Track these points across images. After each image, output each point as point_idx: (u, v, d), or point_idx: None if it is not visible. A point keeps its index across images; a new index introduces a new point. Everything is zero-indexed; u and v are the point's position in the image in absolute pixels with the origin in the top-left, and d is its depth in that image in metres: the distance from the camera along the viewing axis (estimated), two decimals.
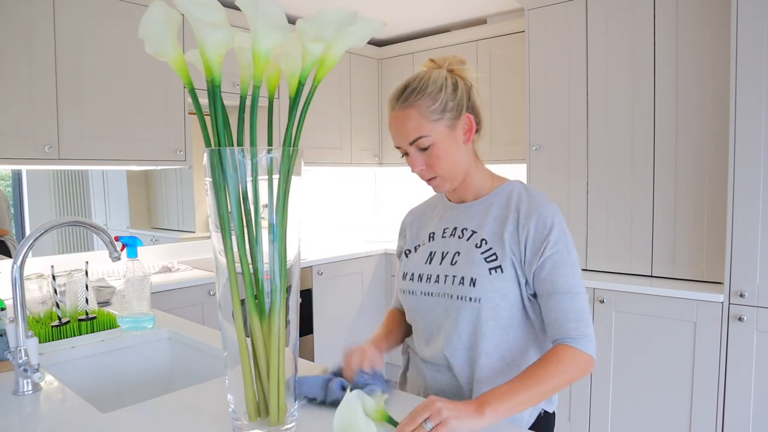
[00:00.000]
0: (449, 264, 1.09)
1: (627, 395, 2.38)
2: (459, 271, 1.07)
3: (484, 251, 1.06)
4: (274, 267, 0.80)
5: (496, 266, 1.04)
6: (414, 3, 3.12)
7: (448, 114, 1.05)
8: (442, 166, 1.06)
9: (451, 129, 1.06)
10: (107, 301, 1.98)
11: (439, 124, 1.04)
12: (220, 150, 0.77)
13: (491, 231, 1.08)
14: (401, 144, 1.07)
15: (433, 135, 1.04)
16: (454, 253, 1.09)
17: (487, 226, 1.08)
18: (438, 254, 1.12)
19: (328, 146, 3.50)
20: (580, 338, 0.99)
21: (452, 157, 1.06)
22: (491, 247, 1.06)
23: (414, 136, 1.04)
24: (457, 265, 1.08)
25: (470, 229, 1.11)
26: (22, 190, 2.63)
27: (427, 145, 1.04)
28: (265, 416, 0.84)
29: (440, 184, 1.09)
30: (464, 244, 1.09)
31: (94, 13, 2.36)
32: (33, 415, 1.04)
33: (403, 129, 1.05)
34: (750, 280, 2.07)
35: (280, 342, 0.82)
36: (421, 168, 1.07)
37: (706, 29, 2.24)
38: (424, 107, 1.03)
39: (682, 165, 2.34)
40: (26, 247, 1.13)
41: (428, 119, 1.03)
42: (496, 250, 1.05)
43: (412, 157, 1.07)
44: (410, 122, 1.04)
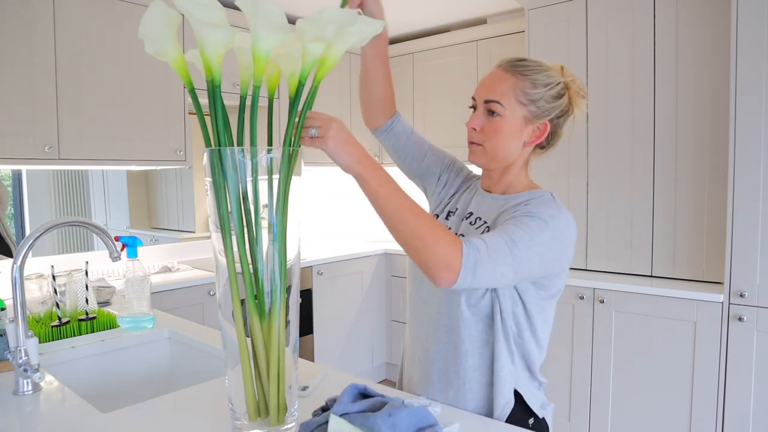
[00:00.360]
0: None
1: (627, 395, 2.38)
2: None
3: None
4: (274, 267, 0.81)
5: None
6: (414, 3, 3.12)
7: (534, 108, 1.02)
8: (492, 141, 1.04)
9: (525, 122, 1.03)
10: (107, 301, 1.98)
11: (520, 109, 1.02)
12: (220, 150, 0.77)
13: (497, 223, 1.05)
14: (479, 96, 1.05)
15: (508, 111, 1.02)
16: (459, 236, 1.08)
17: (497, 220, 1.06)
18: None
19: None
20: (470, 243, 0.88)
21: (506, 141, 1.04)
22: None
23: (495, 96, 1.02)
24: None
25: (483, 219, 1.09)
26: (22, 190, 2.63)
27: (496, 114, 1.02)
28: (265, 416, 0.84)
29: (478, 153, 1.07)
30: (471, 229, 1.09)
31: (94, 13, 2.36)
32: (33, 415, 1.04)
33: (493, 85, 1.03)
34: (750, 280, 2.07)
35: (280, 342, 0.82)
36: (475, 126, 1.05)
37: (706, 29, 2.25)
38: (522, 83, 1.02)
39: (682, 165, 2.34)
40: (26, 247, 1.13)
41: (516, 96, 1.02)
42: None
43: (477, 113, 1.05)
44: (502, 84, 1.02)
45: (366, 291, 3.48)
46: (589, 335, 2.47)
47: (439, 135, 3.55)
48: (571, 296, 2.49)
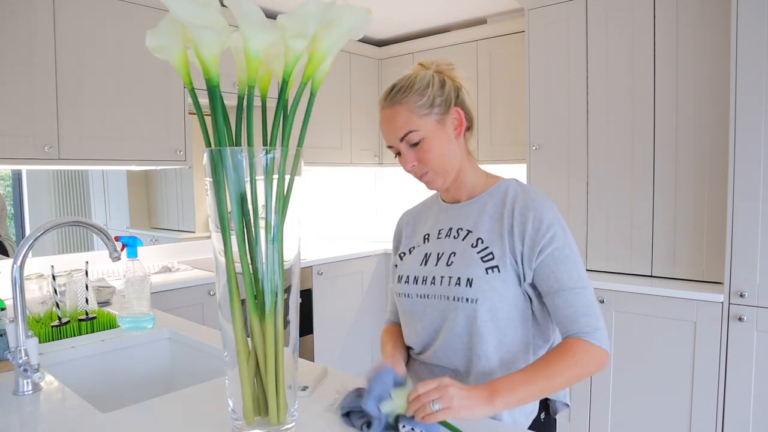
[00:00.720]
0: (445, 265, 1.07)
1: (627, 395, 2.38)
2: (455, 271, 1.05)
3: (480, 251, 1.05)
4: (274, 267, 0.80)
5: (492, 266, 1.02)
6: (414, 3, 3.12)
7: (437, 109, 1.05)
8: (433, 160, 1.06)
9: (441, 123, 1.06)
10: (107, 301, 1.98)
11: (428, 119, 1.05)
12: (220, 150, 0.77)
13: (487, 230, 1.06)
14: (392, 142, 1.07)
15: (422, 129, 1.04)
16: (450, 254, 1.08)
17: (482, 226, 1.07)
18: (433, 255, 1.11)
19: (328, 146, 3.51)
20: (593, 332, 0.98)
21: (443, 150, 1.06)
22: (487, 246, 1.05)
23: (403, 131, 1.05)
24: (452, 266, 1.06)
25: (465, 228, 1.09)
26: (22, 190, 2.63)
27: (417, 140, 1.05)
28: (264, 416, 0.84)
29: (433, 179, 1.09)
30: (460, 244, 1.08)
31: (94, 13, 2.36)
32: (33, 415, 1.04)
33: (393, 126, 1.06)
34: (750, 280, 2.07)
35: (279, 342, 0.82)
36: (412, 164, 1.07)
37: (706, 29, 2.25)
38: (411, 103, 1.04)
39: (682, 165, 2.34)
40: (26, 247, 1.13)
41: (417, 114, 1.04)
42: (493, 249, 1.04)
43: (404, 154, 1.07)
44: (399, 118, 1.05)
45: (366, 291, 3.48)
46: None
47: None
48: None
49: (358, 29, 0.79)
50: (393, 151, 1.10)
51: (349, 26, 0.77)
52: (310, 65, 0.79)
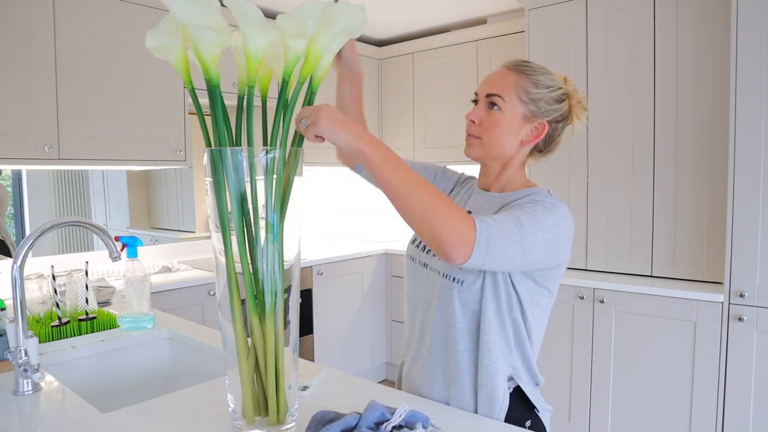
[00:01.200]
0: None
1: (627, 395, 2.38)
2: None
3: None
4: (274, 267, 0.81)
5: None
6: (414, 3, 3.12)
7: (534, 108, 1.05)
8: (490, 134, 1.06)
9: (525, 119, 1.05)
10: (107, 301, 1.98)
11: (520, 106, 1.04)
12: (221, 150, 0.77)
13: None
14: (482, 91, 1.07)
15: (508, 105, 1.04)
16: None
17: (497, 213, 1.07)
18: None
19: (328, 146, 3.50)
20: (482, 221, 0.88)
21: (504, 134, 1.06)
22: None
23: (497, 90, 1.05)
24: None
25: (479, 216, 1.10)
26: (22, 190, 2.63)
27: (496, 106, 1.05)
28: (265, 416, 0.84)
29: (474, 145, 1.09)
30: None
31: (94, 13, 2.36)
32: (33, 415, 1.04)
33: (495, 81, 1.06)
34: (750, 280, 2.07)
35: (279, 342, 0.82)
36: (474, 118, 1.07)
37: (706, 29, 2.25)
38: (524, 82, 1.04)
39: (682, 165, 2.34)
40: (26, 247, 1.13)
41: (518, 93, 1.04)
42: None
43: (477, 107, 1.08)
44: (506, 80, 1.05)
45: (366, 291, 3.48)
46: (589, 335, 2.47)
47: (439, 135, 3.55)
48: (571, 296, 2.49)
49: (355, 27, 0.79)
50: (473, 100, 1.10)
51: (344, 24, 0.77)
52: (307, 64, 0.79)
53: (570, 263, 2.65)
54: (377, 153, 0.86)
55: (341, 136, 0.84)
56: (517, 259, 0.92)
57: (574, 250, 2.64)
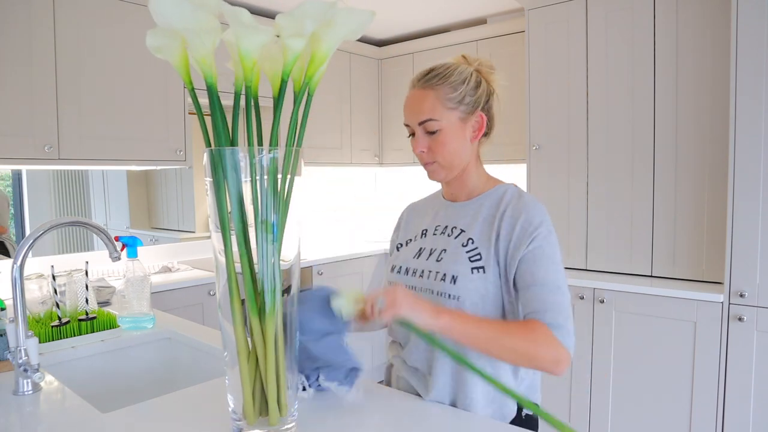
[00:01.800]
0: (435, 260, 1.10)
1: (627, 395, 2.38)
2: (442, 267, 1.07)
3: (469, 250, 1.07)
4: (273, 267, 0.80)
5: (479, 266, 1.04)
6: (414, 3, 3.12)
7: (464, 107, 1.07)
8: (443, 154, 1.08)
9: (462, 122, 1.07)
10: (107, 301, 1.98)
11: (452, 114, 1.06)
12: (221, 150, 0.77)
13: (479, 231, 1.08)
14: (411, 122, 1.09)
15: (443, 121, 1.06)
16: (441, 250, 1.10)
17: (475, 227, 1.09)
18: (426, 250, 1.14)
19: (328, 146, 3.50)
20: (559, 328, 0.95)
21: (455, 147, 1.08)
22: (477, 247, 1.06)
23: (426, 116, 1.06)
24: (441, 261, 1.09)
25: (459, 227, 1.11)
26: (22, 190, 2.63)
27: (435, 129, 1.06)
28: (265, 416, 0.84)
29: (436, 170, 1.11)
30: (452, 242, 1.10)
31: (94, 13, 2.36)
32: (33, 415, 1.04)
33: (418, 107, 1.07)
34: (750, 280, 2.07)
35: (279, 342, 0.82)
36: (422, 150, 1.08)
37: (706, 29, 2.25)
38: (442, 92, 1.06)
39: (682, 165, 2.34)
40: (26, 247, 1.13)
41: (444, 105, 1.06)
42: (482, 250, 1.06)
43: (417, 137, 1.09)
44: (426, 102, 1.06)
45: (366, 291, 3.47)
46: (589, 335, 2.47)
47: None
48: (571, 296, 2.49)
49: (359, 29, 0.79)
50: (408, 131, 1.11)
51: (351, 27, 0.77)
52: (312, 65, 0.79)
53: (570, 263, 2.65)
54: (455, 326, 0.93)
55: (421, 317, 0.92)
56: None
57: (575, 250, 2.64)
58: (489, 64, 1.13)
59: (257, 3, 3.04)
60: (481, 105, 1.09)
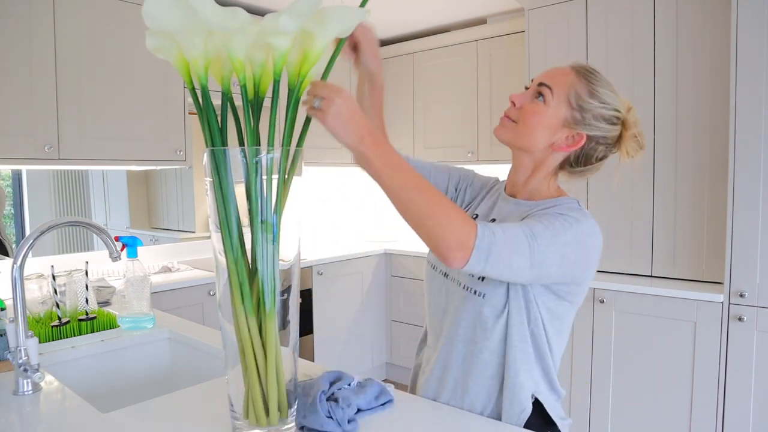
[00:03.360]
0: None
1: (627, 395, 2.38)
2: None
3: None
4: (273, 267, 0.81)
5: None
6: (414, 3, 3.12)
7: (579, 116, 0.99)
8: (526, 121, 1.01)
9: (565, 123, 1.00)
10: (107, 301, 1.98)
11: (566, 108, 0.99)
12: (221, 150, 0.77)
13: None
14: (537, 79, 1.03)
15: (554, 102, 0.99)
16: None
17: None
18: None
19: (328, 146, 3.51)
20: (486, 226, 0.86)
21: (538, 127, 1.00)
22: None
23: (550, 82, 1.00)
24: None
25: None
26: (22, 190, 2.63)
27: (540, 96, 1.00)
28: (265, 416, 0.84)
29: (506, 127, 1.04)
30: None
31: (94, 13, 2.36)
32: (33, 415, 1.04)
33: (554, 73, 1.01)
34: (750, 280, 2.07)
35: (279, 342, 0.82)
36: (516, 101, 1.03)
37: (706, 29, 2.25)
38: (580, 86, 0.99)
39: (682, 165, 2.34)
40: (26, 247, 1.13)
41: (569, 94, 0.99)
42: None
43: (524, 93, 1.04)
44: (563, 77, 1.00)
45: (366, 291, 3.48)
46: (589, 335, 2.47)
47: (439, 135, 3.55)
48: None
49: (352, 26, 0.78)
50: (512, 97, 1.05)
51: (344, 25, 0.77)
52: (305, 64, 0.79)
53: None
54: (377, 157, 0.85)
55: (342, 137, 0.83)
56: (525, 271, 0.89)
57: None
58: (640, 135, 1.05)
59: (257, 2, 3.04)
60: (593, 134, 1.00)
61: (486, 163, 3.30)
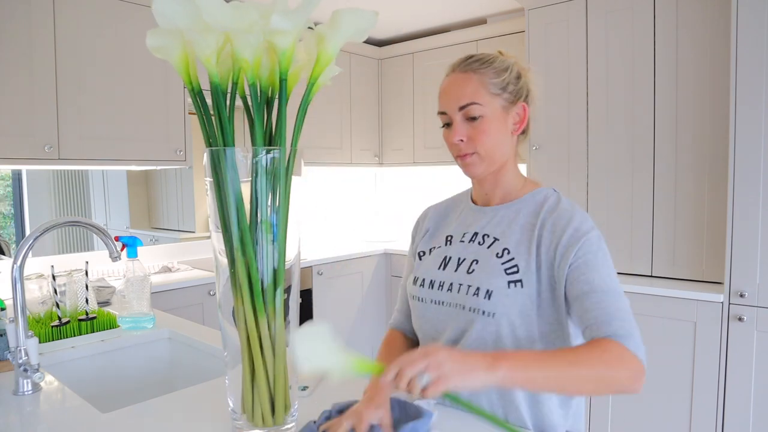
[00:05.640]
0: (465, 272, 1.00)
1: (627, 395, 2.38)
2: (475, 280, 0.97)
3: (505, 261, 0.97)
4: (274, 267, 0.81)
5: (516, 279, 0.95)
6: (414, 3, 3.12)
7: (507, 95, 0.99)
8: (485, 143, 0.98)
9: (505, 111, 0.99)
10: (107, 301, 1.98)
11: (496, 100, 0.98)
12: (221, 150, 0.77)
13: (516, 241, 0.98)
14: (450, 108, 0.99)
15: (487, 107, 0.98)
16: (472, 261, 1.00)
17: (512, 235, 0.99)
18: (454, 260, 1.03)
19: (328, 146, 3.50)
20: (629, 338, 0.84)
21: (497, 138, 0.99)
22: (513, 258, 0.96)
23: (468, 100, 0.97)
24: (473, 274, 0.98)
25: (492, 235, 1.01)
26: (22, 190, 2.63)
27: (477, 115, 0.97)
28: (265, 416, 0.84)
29: (474, 163, 1.00)
30: (484, 251, 1.00)
31: (94, 13, 2.36)
32: (33, 415, 1.04)
33: (460, 91, 0.98)
34: (750, 280, 2.07)
35: (280, 342, 0.82)
36: (461, 138, 0.99)
37: (706, 29, 2.24)
38: (486, 76, 0.98)
39: (682, 165, 2.34)
40: (26, 247, 1.13)
41: (487, 90, 0.98)
42: (519, 261, 0.96)
43: (456, 125, 0.99)
44: (469, 86, 0.98)
45: (366, 291, 3.48)
46: None
47: (439, 135, 3.54)
48: None
49: (364, 31, 0.79)
50: (443, 120, 1.02)
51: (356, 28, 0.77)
52: (318, 66, 0.79)
53: None
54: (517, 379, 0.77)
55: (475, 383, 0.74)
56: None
57: None
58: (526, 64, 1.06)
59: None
60: (524, 96, 1.01)
61: None
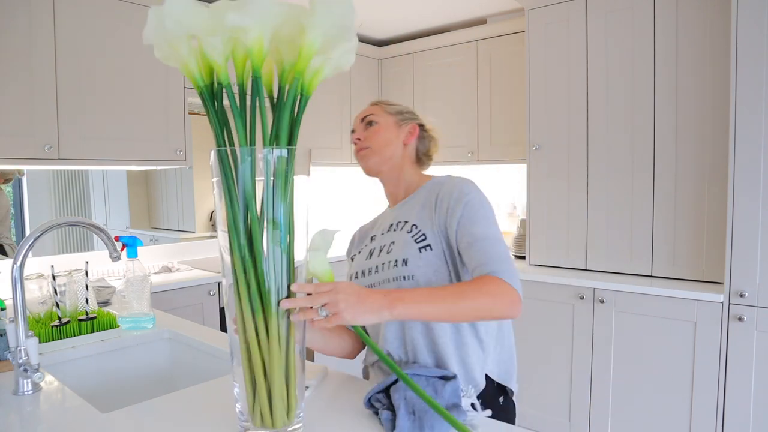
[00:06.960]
0: (386, 253, 1.18)
1: (627, 395, 2.38)
2: (392, 256, 1.15)
3: (414, 234, 1.16)
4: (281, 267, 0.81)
5: (425, 245, 1.13)
6: (414, 3, 3.12)
7: (400, 117, 1.27)
8: (376, 140, 1.23)
9: (398, 125, 1.26)
10: (107, 301, 1.98)
11: (390, 116, 1.27)
12: (229, 150, 0.77)
13: (420, 216, 1.18)
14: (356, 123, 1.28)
15: (381, 119, 1.26)
16: (390, 243, 1.19)
17: (416, 213, 1.19)
18: (377, 249, 1.23)
19: (328, 146, 3.50)
20: (505, 272, 1.01)
21: (388, 138, 1.24)
22: (420, 230, 1.15)
23: (368, 113, 1.27)
24: (391, 252, 1.17)
25: (404, 220, 1.21)
26: (22, 190, 2.63)
27: (374, 122, 1.25)
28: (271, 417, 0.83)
29: (368, 155, 1.24)
30: (398, 234, 1.19)
31: (94, 13, 2.36)
32: (33, 415, 1.04)
33: (365, 112, 1.28)
34: (750, 280, 2.07)
35: (290, 342, 0.82)
36: (358, 137, 1.25)
37: (706, 29, 2.25)
38: (386, 105, 1.29)
39: (682, 165, 2.34)
40: (26, 247, 1.13)
41: (384, 110, 1.27)
42: (425, 231, 1.15)
43: (357, 131, 1.27)
44: (371, 109, 1.28)
45: None
46: (589, 335, 2.47)
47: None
48: (571, 296, 2.49)
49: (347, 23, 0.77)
50: (353, 138, 1.27)
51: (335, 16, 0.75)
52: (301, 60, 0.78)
53: (570, 263, 2.65)
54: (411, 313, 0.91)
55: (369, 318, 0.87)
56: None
57: (575, 250, 2.64)
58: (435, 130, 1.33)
59: None
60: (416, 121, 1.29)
61: (486, 163, 3.30)
